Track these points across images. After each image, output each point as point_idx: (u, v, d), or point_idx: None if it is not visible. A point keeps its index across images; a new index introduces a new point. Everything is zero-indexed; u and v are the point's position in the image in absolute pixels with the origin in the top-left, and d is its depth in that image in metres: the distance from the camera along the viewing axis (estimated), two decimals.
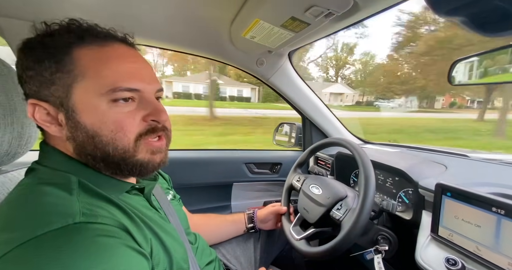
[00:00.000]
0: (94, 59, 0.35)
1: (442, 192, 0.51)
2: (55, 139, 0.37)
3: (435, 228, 0.52)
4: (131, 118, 0.36)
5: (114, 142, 0.35)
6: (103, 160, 0.36)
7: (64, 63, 0.34)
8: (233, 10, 0.69)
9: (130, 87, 0.36)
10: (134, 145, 0.37)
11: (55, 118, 0.36)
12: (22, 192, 0.34)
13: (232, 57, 0.95)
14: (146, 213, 0.41)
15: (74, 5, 0.67)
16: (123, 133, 0.36)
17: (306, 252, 0.61)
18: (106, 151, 0.36)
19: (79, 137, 0.35)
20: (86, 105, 0.34)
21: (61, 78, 0.34)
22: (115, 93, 0.35)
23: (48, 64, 0.34)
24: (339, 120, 1.18)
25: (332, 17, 0.58)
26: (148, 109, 0.38)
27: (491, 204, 0.43)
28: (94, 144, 0.35)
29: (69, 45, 0.35)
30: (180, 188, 0.83)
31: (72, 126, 0.35)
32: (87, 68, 0.34)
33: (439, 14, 0.40)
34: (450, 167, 0.69)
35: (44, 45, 0.34)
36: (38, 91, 0.34)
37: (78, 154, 0.37)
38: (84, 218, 0.29)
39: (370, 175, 0.55)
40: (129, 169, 0.37)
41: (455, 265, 0.45)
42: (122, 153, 0.36)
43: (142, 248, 0.33)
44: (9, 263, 0.25)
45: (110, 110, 0.35)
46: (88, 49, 0.35)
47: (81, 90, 0.34)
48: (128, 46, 0.40)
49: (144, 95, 0.38)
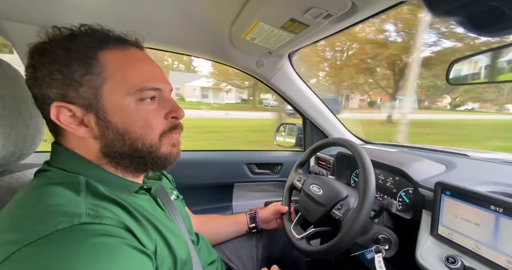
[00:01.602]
0: (119, 61, 0.37)
1: (442, 191, 0.52)
2: (74, 142, 0.38)
3: (435, 227, 0.53)
4: (156, 116, 0.40)
5: (143, 137, 0.38)
6: (130, 155, 0.39)
7: (92, 66, 0.35)
8: (233, 12, 0.70)
9: (155, 87, 0.39)
10: (159, 140, 0.40)
11: (79, 120, 0.36)
12: (30, 192, 0.34)
13: (232, 58, 0.96)
14: (152, 212, 0.42)
15: (77, 9, 0.68)
16: (151, 130, 0.39)
17: (306, 251, 0.61)
18: (134, 146, 0.38)
19: (110, 135, 0.37)
20: (116, 105, 0.37)
21: (90, 80, 0.35)
22: (142, 93, 0.38)
23: (77, 67, 0.35)
24: (339, 121, 1.18)
25: (331, 18, 0.58)
26: (167, 107, 0.41)
27: (489, 202, 0.44)
28: (124, 141, 0.37)
29: (93, 49, 0.36)
30: (182, 189, 0.84)
31: (103, 125, 0.36)
32: (114, 70, 0.36)
33: (437, 15, 0.40)
34: (450, 166, 0.69)
35: (67, 49, 0.35)
36: (65, 94, 0.35)
37: (105, 153, 0.38)
38: (90, 219, 0.30)
39: (370, 174, 0.56)
40: (153, 162, 0.41)
41: (454, 263, 0.45)
42: (150, 147, 0.39)
43: (146, 248, 0.34)
44: (16, 263, 0.25)
45: (138, 108, 0.38)
46: (111, 53, 0.37)
47: (110, 91, 0.36)
48: (140, 49, 0.42)
49: (163, 94, 0.41)
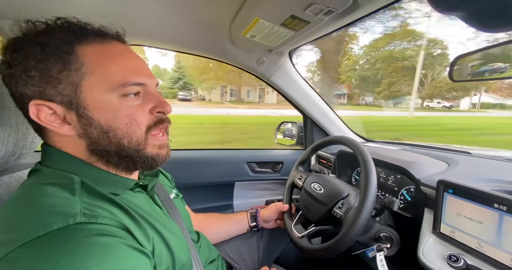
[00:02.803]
0: (99, 56, 0.36)
1: (444, 189, 0.51)
2: (60, 140, 0.37)
3: (437, 225, 0.52)
4: (141, 111, 0.38)
5: (129, 134, 0.37)
6: (117, 154, 0.37)
7: (70, 61, 0.34)
8: (233, 9, 0.69)
9: (138, 82, 0.37)
10: (144, 138, 0.38)
11: (61, 118, 0.35)
12: (24, 192, 0.34)
13: (232, 56, 0.95)
14: (149, 211, 0.41)
15: (77, 7, 0.67)
16: (136, 126, 0.37)
17: (307, 250, 0.61)
18: (121, 144, 0.37)
19: (93, 133, 0.35)
20: (97, 101, 0.35)
21: (68, 76, 0.34)
22: (125, 88, 0.36)
23: (54, 63, 0.33)
24: (340, 119, 1.17)
25: (332, 15, 0.58)
26: (154, 101, 0.40)
27: (493, 200, 0.43)
28: (109, 139, 0.36)
29: (70, 43, 0.34)
30: (183, 188, 0.83)
31: (85, 123, 0.35)
32: (94, 65, 0.35)
33: (440, 11, 0.40)
34: (453, 164, 0.69)
35: (42, 44, 0.33)
36: (43, 91, 0.34)
37: (92, 151, 0.37)
38: (85, 218, 0.29)
39: (371, 172, 0.55)
40: (142, 161, 0.39)
41: (457, 261, 0.45)
42: (136, 145, 0.38)
43: (144, 247, 0.33)
44: (10, 264, 0.25)
45: (122, 104, 0.36)
46: (90, 47, 0.36)
47: (91, 87, 0.35)
48: (122, 43, 0.40)
49: (148, 89, 0.40)
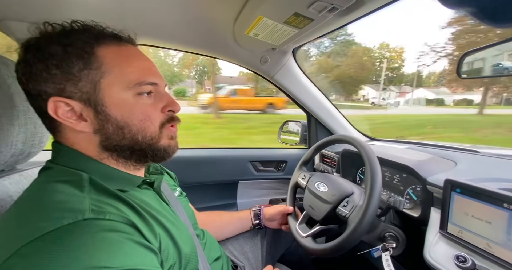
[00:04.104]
0: (117, 57, 0.38)
1: (451, 188, 0.50)
2: (73, 138, 0.38)
3: (444, 225, 0.51)
4: (153, 109, 0.41)
5: (143, 130, 0.39)
6: (130, 148, 0.40)
7: (90, 60, 0.36)
8: (236, 7, 0.69)
9: (152, 81, 0.40)
10: (159, 132, 0.41)
11: (78, 114, 0.37)
12: (35, 189, 0.35)
13: (236, 55, 0.95)
14: (157, 207, 0.42)
15: (80, 7, 0.68)
16: (150, 122, 0.40)
17: (312, 249, 0.60)
18: (135, 139, 0.39)
19: (109, 129, 0.38)
20: (114, 98, 0.37)
21: (89, 75, 0.36)
22: (140, 87, 0.39)
23: (75, 62, 0.35)
24: (345, 117, 1.16)
25: (336, 12, 0.57)
26: (164, 101, 0.42)
27: (502, 200, 0.42)
28: (124, 134, 0.38)
29: (90, 44, 0.37)
30: (186, 187, 0.84)
31: (102, 119, 0.37)
32: (112, 65, 0.37)
33: (448, 6, 0.39)
34: (460, 163, 0.68)
35: (64, 44, 0.35)
36: (63, 89, 0.35)
37: (104, 146, 0.39)
38: (93, 215, 0.30)
39: (376, 171, 0.55)
40: (154, 154, 0.42)
41: (465, 262, 0.44)
42: (150, 139, 0.40)
43: (151, 243, 0.34)
44: (20, 258, 0.26)
45: (137, 102, 0.39)
46: (108, 48, 0.38)
47: (109, 85, 0.37)
48: (134, 46, 0.43)
49: (159, 89, 0.42)
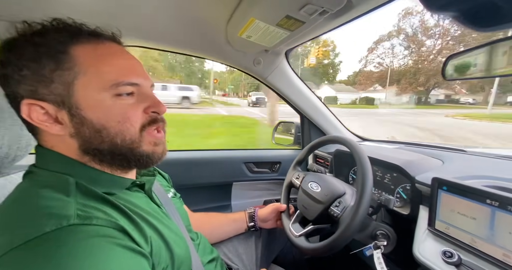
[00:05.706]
0: (93, 56, 0.36)
1: (438, 186, 0.52)
2: (52, 140, 0.37)
3: (432, 221, 0.53)
4: (134, 110, 0.38)
5: (122, 132, 0.37)
6: (110, 153, 0.37)
7: (63, 61, 0.34)
8: (228, 9, 0.69)
9: (132, 82, 0.38)
10: (139, 135, 0.38)
11: (53, 117, 0.35)
12: (18, 195, 0.33)
13: (229, 57, 0.96)
14: (148, 209, 0.41)
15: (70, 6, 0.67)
16: (130, 124, 0.37)
17: (305, 248, 0.61)
18: (114, 143, 0.37)
19: (86, 132, 0.36)
20: (90, 101, 0.35)
21: (61, 76, 0.34)
22: (118, 88, 0.36)
23: (46, 62, 0.34)
24: (337, 118, 1.18)
25: (326, 15, 0.58)
26: (148, 102, 0.40)
27: (485, 197, 0.44)
28: (102, 138, 0.36)
29: (64, 44, 0.35)
30: (180, 189, 0.83)
31: (77, 122, 0.35)
32: (87, 65, 0.35)
33: (432, 11, 0.40)
34: (447, 162, 0.70)
35: (36, 44, 0.34)
36: (35, 91, 0.34)
37: (84, 150, 0.37)
38: (79, 220, 0.29)
39: (367, 171, 0.56)
40: (136, 159, 0.39)
41: (451, 257, 0.46)
42: (130, 143, 0.38)
43: (141, 247, 0.33)
44: (2, 267, 0.25)
45: (115, 103, 0.36)
46: (84, 47, 0.36)
47: (83, 86, 0.35)
48: (118, 44, 0.41)
49: (142, 89, 0.40)
